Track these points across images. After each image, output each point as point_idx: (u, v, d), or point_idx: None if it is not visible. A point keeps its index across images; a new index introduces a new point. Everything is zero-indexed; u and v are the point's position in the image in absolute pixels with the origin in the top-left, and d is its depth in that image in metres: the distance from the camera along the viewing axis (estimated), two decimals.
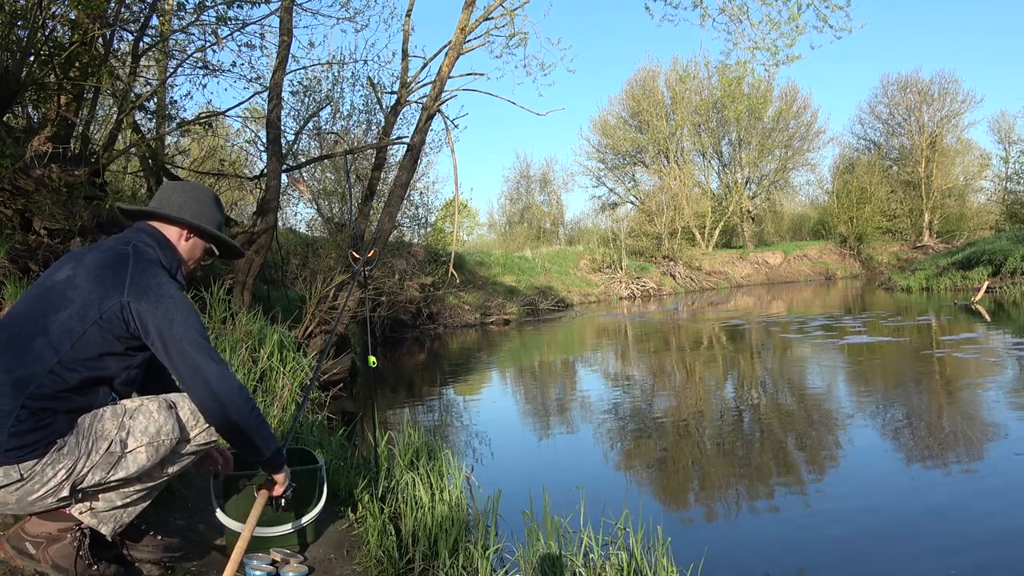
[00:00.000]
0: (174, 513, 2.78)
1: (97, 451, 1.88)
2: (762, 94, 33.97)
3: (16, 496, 1.81)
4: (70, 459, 1.84)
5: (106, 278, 1.91)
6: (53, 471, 1.82)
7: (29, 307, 1.92)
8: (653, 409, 6.67)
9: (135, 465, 1.94)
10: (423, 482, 3.48)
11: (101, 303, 1.88)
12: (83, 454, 1.86)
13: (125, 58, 7.40)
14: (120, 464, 1.92)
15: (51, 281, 1.96)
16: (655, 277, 27.77)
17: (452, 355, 12.27)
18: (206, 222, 2.16)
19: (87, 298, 1.88)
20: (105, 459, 1.89)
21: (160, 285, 1.96)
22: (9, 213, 5.27)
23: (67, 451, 1.84)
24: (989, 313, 13.09)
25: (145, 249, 2.03)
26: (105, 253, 1.98)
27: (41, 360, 1.82)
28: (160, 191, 2.21)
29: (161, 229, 2.12)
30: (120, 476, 1.93)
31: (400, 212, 12.78)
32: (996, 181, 40.08)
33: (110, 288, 1.90)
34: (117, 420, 1.92)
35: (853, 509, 3.75)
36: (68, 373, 1.84)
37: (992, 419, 5.37)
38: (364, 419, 6.00)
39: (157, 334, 1.92)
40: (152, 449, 1.95)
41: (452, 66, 7.78)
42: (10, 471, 1.77)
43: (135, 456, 1.93)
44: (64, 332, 1.84)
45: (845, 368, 8.24)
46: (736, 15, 7.82)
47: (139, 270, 1.95)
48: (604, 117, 37.57)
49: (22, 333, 1.86)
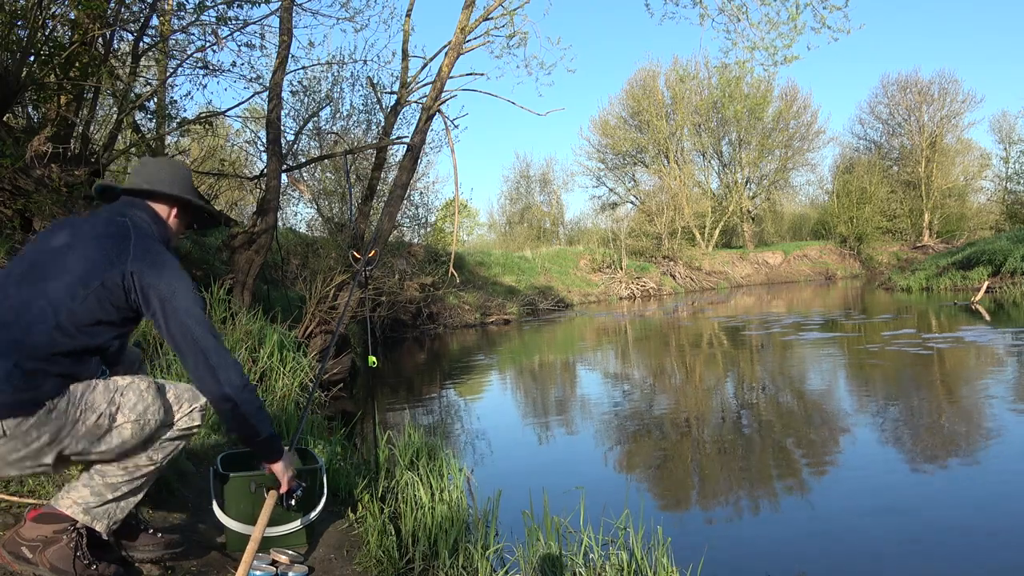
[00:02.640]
0: (174, 513, 2.78)
1: (84, 422, 1.88)
2: (762, 94, 33.99)
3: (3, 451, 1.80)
4: (57, 424, 1.84)
5: (108, 247, 1.94)
6: (38, 432, 1.81)
7: (27, 270, 1.93)
8: (653, 409, 6.67)
9: (118, 439, 1.94)
10: (423, 482, 3.48)
11: (104, 271, 1.90)
12: (71, 421, 1.86)
13: (125, 58, 7.40)
14: (105, 438, 1.92)
15: (47, 247, 1.98)
16: (655, 277, 27.77)
17: (452, 355, 12.27)
18: (188, 193, 2.21)
19: (89, 265, 1.90)
20: (92, 430, 1.90)
21: (163, 257, 2.00)
22: (9, 213, 5.27)
23: (55, 416, 1.83)
24: (989, 313, 13.09)
25: (141, 224, 2.06)
26: (104, 224, 2.01)
27: (39, 322, 1.83)
28: (143, 168, 2.23)
29: (152, 205, 2.15)
30: (102, 449, 1.93)
31: (400, 212, 12.78)
32: (996, 181, 40.13)
33: (113, 257, 1.92)
34: (108, 395, 1.93)
35: (853, 509, 3.75)
36: (64, 338, 1.85)
37: (992, 419, 5.37)
38: (364, 419, 6.00)
39: (159, 305, 1.95)
40: (138, 427, 1.96)
41: (452, 66, 7.78)
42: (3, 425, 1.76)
43: (120, 431, 1.94)
44: (64, 296, 1.86)
45: (845, 368, 8.25)
46: (735, 15, 7.83)
47: (141, 242, 1.98)
48: (604, 117, 37.61)
49: (20, 295, 1.86)
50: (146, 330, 4.96)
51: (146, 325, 5.00)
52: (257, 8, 7.51)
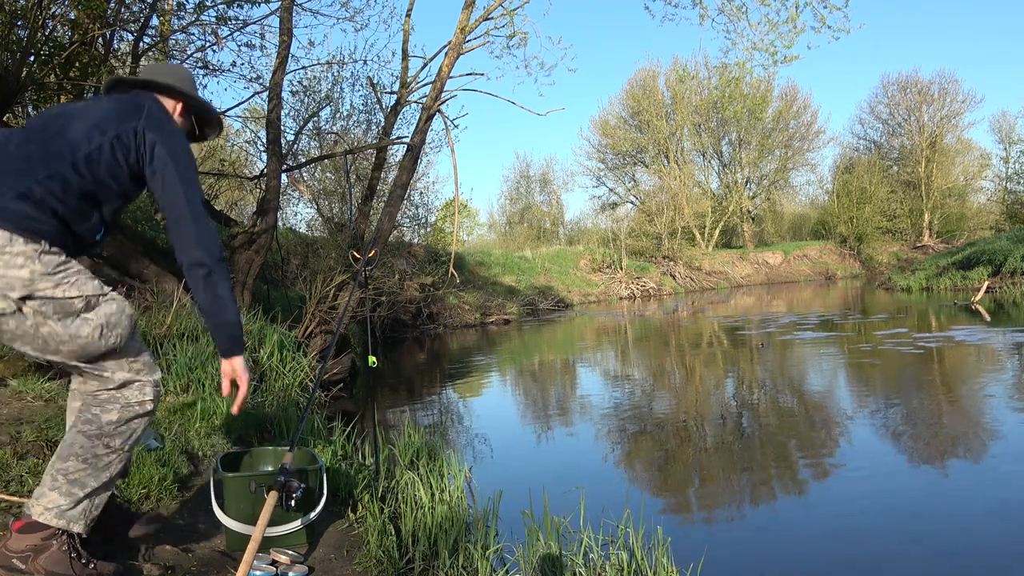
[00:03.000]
0: (173, 513, 2.78)
1: (62, 288, 1.87)
2: (762, 94, 33.97)
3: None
4: (41, 266, 1.83)
5: (124, 109, 2.05)
6: (24, 260, 1.80)
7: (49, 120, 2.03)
8: (653, 409, 6.67)
9: (75, 331, 1.90)
10: (423, 482, 3.48)
11: (119, 123, 1.99)
12: (52, 277, 1.85)
13: (125, 58, 7.40)
14: (67, 320, 1.89)
15: (70, 107, 2.09)
16: (655, 277, 27.76)
17: (452, 355, 12.27)
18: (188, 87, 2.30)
19: (106, 116, 2.00)
20: (63, 303, 1.88)
21: (172, 125, 2.11)
22: None
23: (44, 260, 1.84)
24: (989, 313, 13.09)
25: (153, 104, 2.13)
26: (118, 99, 2.12)
27: (57, 158, 1.90)
28: (151, 69, 2.33)
29: (159, 98, 2.21)
30: (57, 330, 1.88)
31: (400, 212, 12.78)
32: (996, 181, 40.13)
33: (129, 116, 2.02)
34: (98, 290, 1.96)
35: (854, 509, 3.75)
36: (76, 179, 1.90)
37: (993, 419, 5.37)
38: (364, 419, 6.00)
39: (161, 163, 2.01)
40: (97, 332, 1.93)
41: (452, 66, 7.78)
42: None
43: (83, 323, 1.91)
44: (83, 139, 1.94)
45: (845, 367, 8.25)
46: (735, 15, 7.83)
47: (154, 111, 2.08)
48: (604, 117, 37.59)
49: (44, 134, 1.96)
50: (146, 331, 4.96)
51: (146, 326, 5.00)
52: (257, 8, 7.52)
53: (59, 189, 1.87)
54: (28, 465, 2.66)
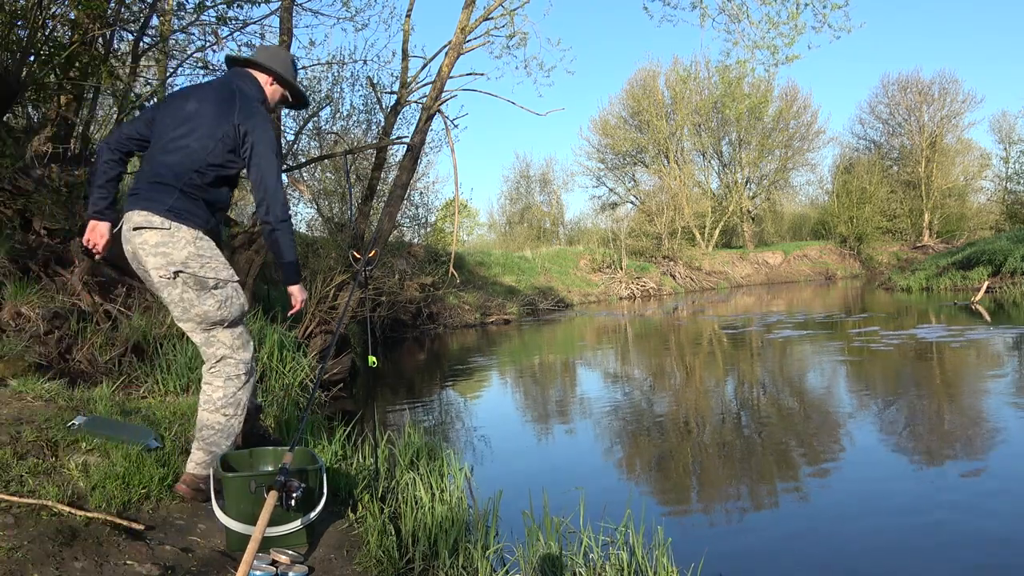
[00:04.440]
0: (173, 513, 2.78)
1: (204, 266, 2.68)
2: (762, 94, 33.97)
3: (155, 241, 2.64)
4: (195, 249, 2.66)
5: (223, 109, 2.73)
6: (185, 246, 2.64)
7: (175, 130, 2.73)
8: (653, 409, 6.67)
9: (204, 302, 2.69)
10: (423, 482, 3.48)
11: (221, 125, 2.70)
12: (202, 256, 2.68)
13: (125, 58, 7.39)
14: (200, 292, 2.68)
15: (184, 112, 2.77)
16: (655, 277, 27.76)
17: (452, 355, 12.27)
18: (287, 72, 2.98)
19: (212, 122, 2.71)
20: (200, 279, 2.67)
21: (257, 112, 2.78)
22: (9, 213, 5.27)
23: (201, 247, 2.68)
24: (989, 313, 13.09)
25: (244, 87, 2.84)
26: (218, 91, 2.82)
27: (188, 163, 2.68)
28: (257, 51, 3.05)
29: (255, 74, 2.93)
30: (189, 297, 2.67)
31: (400, 212, 12.77)
32: (996, 181, 40.13)
33: (227, 115, 2.71)
34: (227, 272, 2.76)
35: (854, 508, 3.75)
36: (207, 172, 2.69)
37: (993, 418, 5.37)
38: (364, 419, 6.00)
39: (252, 143, 2.70)
40: (217, 305, 2.71)
41: (452, 66, 7.78)
42: (167, 223, 2.64)
43: (208, 297, 2.69)
44: (201, 147, 2.68)
45: (845, 367, 8.24)
46: (735, 14, 7.83)
47: (244, 102, 2.77)
48: (604, 117, 37.57)
49: (177, 146, 2.70)
50: (146, 330, 4.97)
51: (146, 326, 5.01)
52: (257, 8, 7.52)
53: (199, 189, 2.68)
54: (28, 465, 2.66)
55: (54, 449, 2.87)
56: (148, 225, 2.62)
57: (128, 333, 4.85)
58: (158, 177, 2.67)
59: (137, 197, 2.67)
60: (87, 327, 4.75)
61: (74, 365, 4.43)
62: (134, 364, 4.69)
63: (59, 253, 5.33)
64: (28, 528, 2.26)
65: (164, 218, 2.62)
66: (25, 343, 4.17)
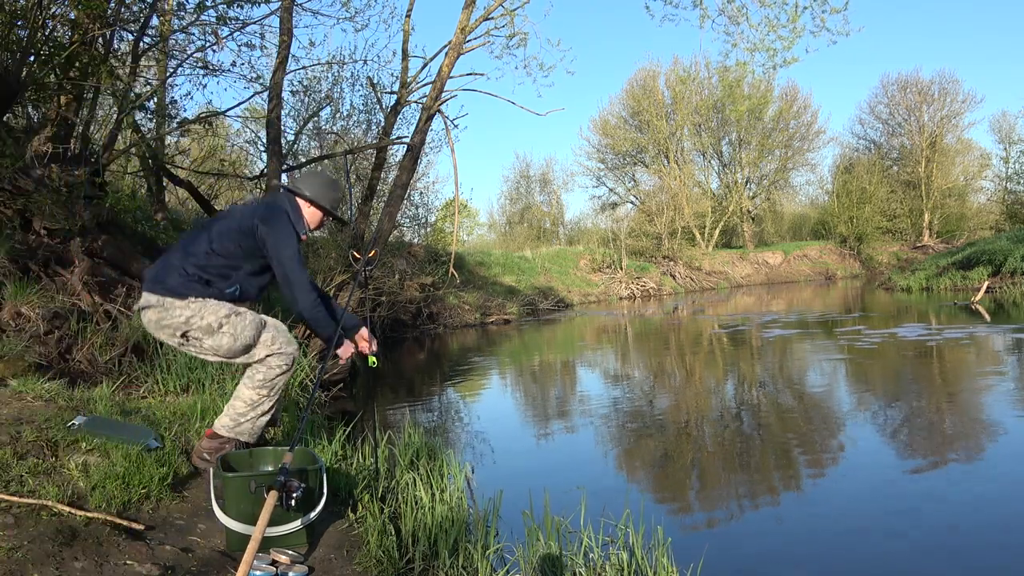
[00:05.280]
0: (173, 513, 2.78)
1: (203, 318, 2.96)
2: (762, 94, 33.98)
3: (155, 318, 2.98)
4: (191, 312, 2.95)
5: (249, 211, 3.12)
6: (180, 313, 2.95)
7: (208, 222, 3.19)
8: (653, 409, 6.67)
9: (217, 341, 2.98)
10: (423, 482, 3.48)
11: (243, 222, 3.05)
12: (198, 314, 2.95)
13: (125, 58, 7.39)
14: (214, 335, 2.97)
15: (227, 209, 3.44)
16: (655, 277, 27.75)
17: (452, 355, 12.27)
18: (322, 200, 3.25)
19: (236, 218, 3.08)
20: (206, 327, 2.96)
21: (279, 221, 3.07)
22: (9, 213, 5.27)
23: (192, 308, 2.95)
24: (989, 313, 13.09)
25: (278, 203, 3.18)
26: (253, 203, 3.26)
27: (201, 245, 3.01)
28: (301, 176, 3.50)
29: (296, 199, 3.24)
30: (207, 344, 2.99)
31: (400, 212, 12.77)
32: (996, 181, 40.13)
33: (250, 216, 3.07)
34: (226, 311, 3.00)
35: (854, 508, 3.75)
36: (215, 257, 3.00)
37: (993, 418, 5.37)
38: (364, 419, 6.00)
39: (271, 248, 3.01)
40: (231, 338, 2.99)
41: (452, 66, 7.78)
42: (162, 300, 2.95)
43: (221, 337, 2.98)
44: (218, 234, 3.03)
45: (845, 366, 8.24)
46: (735, 16, 7.83)
47: (269, 211, 3.10)
48: (604, 117, 37.54)
49: (198, 232, 3.10)
50: (146, 333, 4.96)
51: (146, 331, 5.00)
52: (257, 8, 7.51)
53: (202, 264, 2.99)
54: (28, 465, 2.66)
55: (54, 449, 2.87)
56: (146, 305, 2.99)
57: (128, 333, 4.85)
58: (167, 261, 3.05)
59: (146, 281, 3.04)
60: (87, 327, 4.75)
61: (74, 365, 4.43)
62: (134, 364, 4.69)
63: (59, 253, 5.33)
64: (28, 528, 2.26)
65: (159, 296, 2.95)
66: (25, 343, 4.17)
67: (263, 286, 3.20)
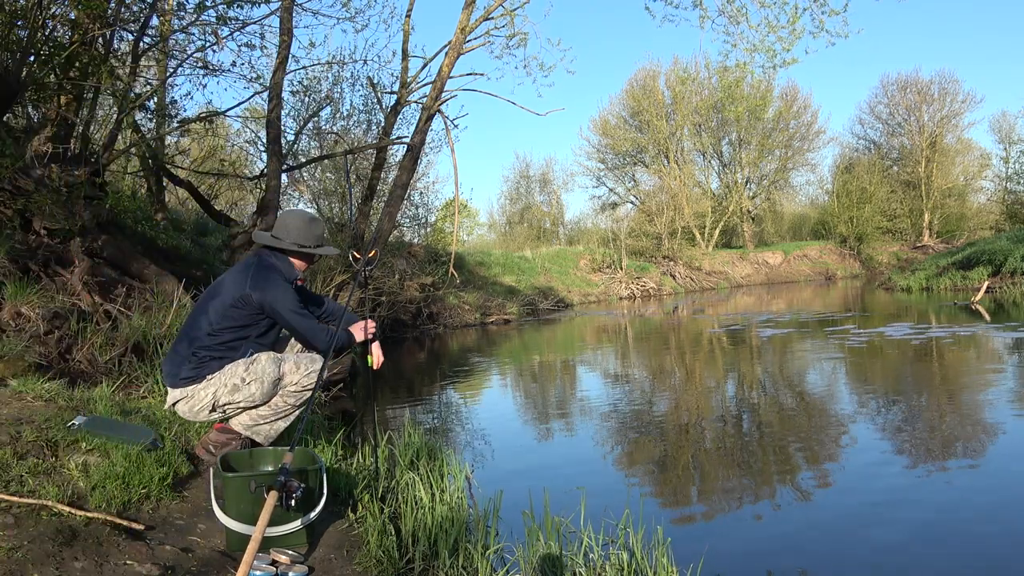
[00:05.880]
0: (173, 513, 2.78)
1: (225, 384, 3.10)
2: (762, 95, 33.97)
3: (186, 407, 3.15)
4: (214, 387, 3.10)
5: (238, 279, 3.17)
6: (204, 393, 3.11)
7: (202, 300, 3.24)
8: (653, 409, 6.67)
9: (249, 392, 3.12)
10: (423, 482, 3.48)
11: (235, 293, 3.12)
12: (221, 385, 3.10)
13: (125, 58, 7.39)
14: (239, 392, 3.11)
15: (216, 282, 3.29)
16: (655, 277, 27.75)
17: (452, 355, 12.27)
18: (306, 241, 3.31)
19: (228, 291, 3.14)
20: (232, 389, 3.10)
21: (269, 280, 3.16)
22: (9, 213, 5.27)
23: (213, 383, 3.10)
24: (989, 313, 13.09)
25: (265, 259, 3.26)
26: (243, 263, 3.30)
27: (202, 328, 3.12)
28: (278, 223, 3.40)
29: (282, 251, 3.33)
30: (240, 399, 3.12)
31: (400, 212, 12.77)
32: (996, 181, 40.15)
33: (240, 285, 3.13)
34: (244, 366, 3.13)
35: (854, 508, 3.75)
36: (219, 335, 3.11)
37: (993, 418, 5.37)
38: (364, 419, 6.00)
39: (273, 311, 3.14)
40: (259, 384, 3.12)
41: (452, 66, 7.78)
42: (185, 391, 3.13)
43: (249, 387, 3.11)
44: (216, 313, 3.12)
45: (845, 366, 8.24)
46: (735, 17, 7.83)
47: (257, 272, 3.17)
48: (604, 117, 37.56)
49: (196, 314, 3.20)
50: (146, 331, 4.96)
51: (146, 326, 5.00)
52: (257, 8, 7.52)
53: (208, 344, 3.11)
54: (28, 465, 2.66)
55: (54, 449, 2.87)
56: (174, 400, 3.16)
57: (128, 333, 4.85)
58: (175, 352, 3.17)
59: (165, 377, 3.23)
60: (87, 327, 4.75)
61: (74, 365, 4.42)
62: (134, 364, 4.69)
63: (59, 253, 5.33)
64: (28, 528, 2.26)
65: (182, 388, 3.12)
66: (25, 343, 4.17)
67: (275, 340, 3.31)
